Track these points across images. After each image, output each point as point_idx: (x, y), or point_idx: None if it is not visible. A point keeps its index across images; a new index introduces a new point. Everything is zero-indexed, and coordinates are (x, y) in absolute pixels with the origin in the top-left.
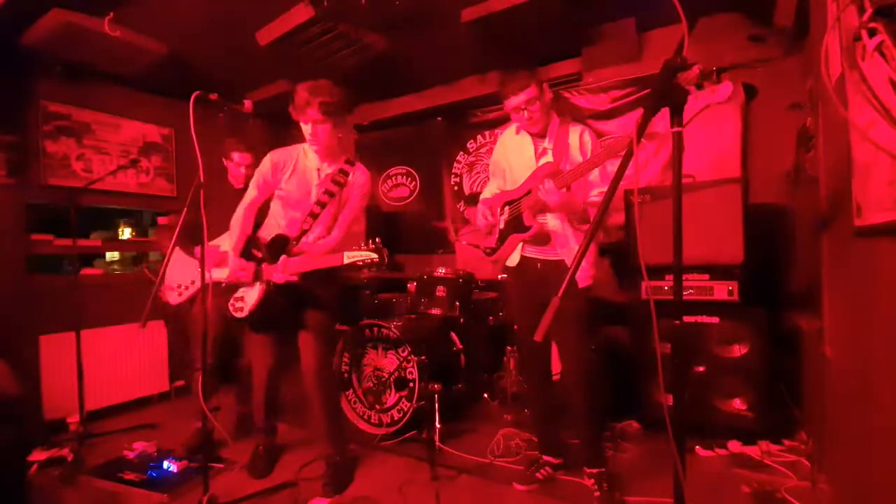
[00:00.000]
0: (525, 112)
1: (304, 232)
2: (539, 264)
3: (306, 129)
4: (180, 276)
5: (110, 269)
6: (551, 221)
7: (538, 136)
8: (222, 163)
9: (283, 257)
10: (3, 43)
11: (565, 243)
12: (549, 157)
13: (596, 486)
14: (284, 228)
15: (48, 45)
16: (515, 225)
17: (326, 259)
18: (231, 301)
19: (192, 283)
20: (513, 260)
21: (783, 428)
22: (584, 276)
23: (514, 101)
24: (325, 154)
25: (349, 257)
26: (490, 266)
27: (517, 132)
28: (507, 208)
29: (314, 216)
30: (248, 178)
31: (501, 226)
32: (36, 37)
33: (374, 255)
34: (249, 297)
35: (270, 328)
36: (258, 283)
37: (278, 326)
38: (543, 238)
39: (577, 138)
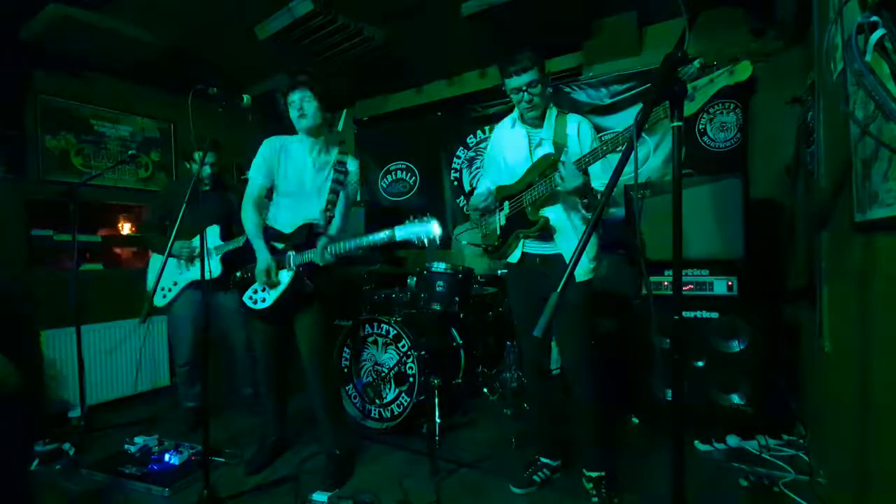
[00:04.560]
0: (525, 94)
1: (331, 218)
2: (539, 259)
3: (296, 111)
4: (164, 277)
5: None
6: (553, 214)
7: (534, 127)
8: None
9: (324, 240)
10: (2, 37)
11: (567, 237)
12: (546, 149)
13: (594, 492)
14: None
15: (47, 39)
16: (518, 220)
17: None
18: (249, 295)
19: (175, 284)
20: (514, 256)
21: (782, 422)
22: (582, 271)
23: (515, 80)
24: (315, 135)
25: (403, 232)
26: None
27: (512, 125)
28: (507, 203)
29: (333, 203)
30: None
31: (503, 222)
32: (35, 31)
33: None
34: (274, 287)
35: (284, 317)
36: (284, 271)
37: (288, 315)
38: (546, 232)
39: (576, 128)
